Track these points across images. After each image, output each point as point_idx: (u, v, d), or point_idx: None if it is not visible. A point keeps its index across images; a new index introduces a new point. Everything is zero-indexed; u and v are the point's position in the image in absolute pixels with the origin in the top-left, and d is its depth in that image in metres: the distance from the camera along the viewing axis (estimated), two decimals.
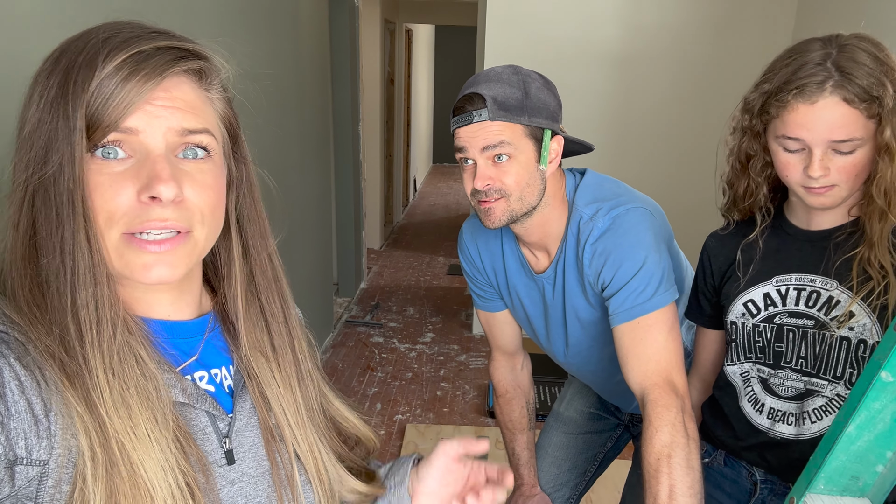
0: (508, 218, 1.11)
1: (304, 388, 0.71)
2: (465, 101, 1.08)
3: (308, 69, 3.15)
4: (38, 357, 0.53)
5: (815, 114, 0.92)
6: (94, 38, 0.55)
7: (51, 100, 0.54)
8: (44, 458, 0.52)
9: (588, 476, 1.55)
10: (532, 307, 1.31)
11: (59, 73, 0.54)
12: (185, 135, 0.57)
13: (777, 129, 0.98)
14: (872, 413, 0.73)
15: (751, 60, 3.32)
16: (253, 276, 0.68)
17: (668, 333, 1.08)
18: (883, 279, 0.96)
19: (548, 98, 1.11)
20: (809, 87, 0.92)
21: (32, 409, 0.51)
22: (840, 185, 0.96)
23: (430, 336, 3.96)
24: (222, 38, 0.65)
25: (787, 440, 1.08)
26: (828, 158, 0.94)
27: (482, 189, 1.09)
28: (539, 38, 3.35)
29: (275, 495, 0.67)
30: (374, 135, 5.45)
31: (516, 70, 1.11)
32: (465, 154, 1.09)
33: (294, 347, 0.71)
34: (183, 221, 0.57)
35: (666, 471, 0.98)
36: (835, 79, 0.91)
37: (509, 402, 1.46)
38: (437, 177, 10.01)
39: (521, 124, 1.07)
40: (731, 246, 1.14)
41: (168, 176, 0.55)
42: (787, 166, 0.99)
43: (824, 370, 1.03)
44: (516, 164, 1.08)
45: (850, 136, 0.92)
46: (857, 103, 0.90)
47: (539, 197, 1.12)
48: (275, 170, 2.65)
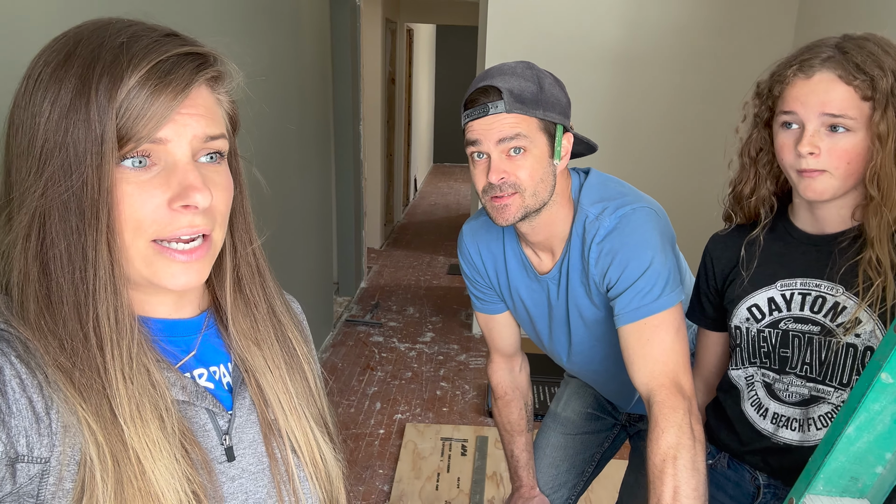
0: (522, 214, 1.10)
1: (294, 375, 0.71)
2: (480, 93, 1.06)
3: (309, 68, 3.15)
4: (40, 360, 0.53)
5: (809, 87, 0.94)
6: (110, 42, 0.54)
7: (67, 109, 0.52)
8: (45, 455, 0.52)
9: (586, 476, 1.55)
10: (535, 309, 1.30)
11: (73, 80, 0.52)
12: (207, 141, 0.58)
13: (778, 109, 1.00)
14: (872, 414, 0.73)
15: (752, 59, 3.32)
16: (238, 269, 0.69)
17: (674, 334, 1.07)
18: (878, 275, 0.95)
19: (560, 95, 1.11)
20: (808, 62, 0.95)
21: (34, 406, 0.51)
22: (831, 172, 0.95)
23: (430, 335, 3.96)
24: (223, 38, 0.65)
25: (791, 446, 1.07)
26: (819, 137, 0.94)
27: (497, 183, 1.07)
28: (540, 37, 3.35)
29: (274, 490, 0.67)
30: (375, 134, 5.45)
31: (530, 65, 1.11)
32: (479, 147, 1.07)
33: (280, 336, 0.71)
34: (208, 225, 0.59)
35: (671, 472, 0.98)
36: (834, 56, 0.93)
37: (508, 403, 1.45)
38: (438, 176, 10.01)
39: (536, 118, 1.06)
40: (733, 247, 1.13)
41: (202, 184, 0.56)
42: (782, 147, 1.00)
43: (830, 377, 1.02)
44: (531, 158, 1.07)
45: (842, 111, 0.92)
46: (851, 79, 0.91)
47: (550, 193, 1.11)
48: (275, 168, 2.65)
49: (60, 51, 0.54)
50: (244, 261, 0.69)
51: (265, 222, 0.73)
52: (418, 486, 2.53)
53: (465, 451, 2.76)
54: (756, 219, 1.12)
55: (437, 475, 2.60)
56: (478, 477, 2.58)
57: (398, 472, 2.60)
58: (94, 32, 0.55)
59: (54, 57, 0.54)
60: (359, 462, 2.67)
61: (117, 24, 0.56)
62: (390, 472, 2.62)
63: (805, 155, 0.95)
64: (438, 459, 2.70)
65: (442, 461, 2.69)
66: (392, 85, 6.06)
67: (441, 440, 2.83)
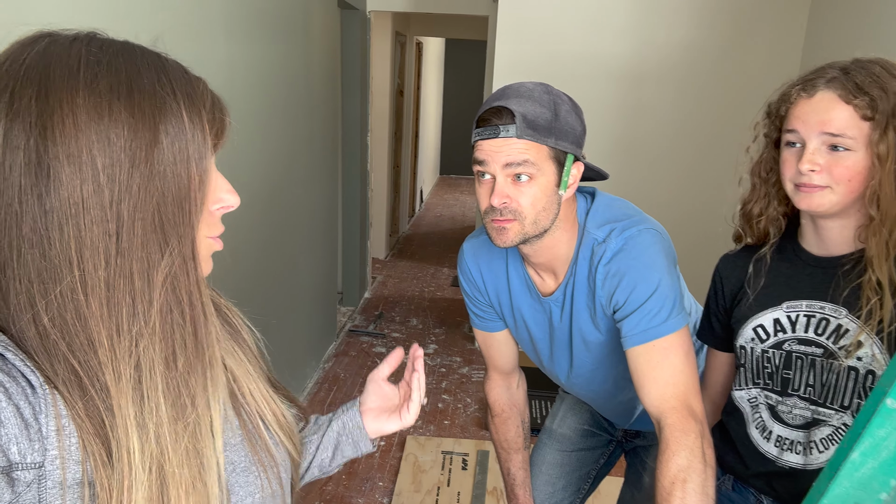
0: (521, 239, 1.08)
1: (240, 340, 0.74)
2: (493, 113, 1.04)
3: (318, 79, 3.17)
4: (21, 366, 0.53)
5: (810, 106, 0.96)
6: (167, 90, 0.55)
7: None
8: (38, 460, 0.52)
9: (582, 493, 1.54)
10: (537, 329, 1.29)
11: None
12: None
13: (784, 128, 1.01)
14: (877, 440, 0.72)
15: (760, 78, 3.33)
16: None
17: (684, 357, 1.06)
18: (875, 294, 0.94)
19: (575, 123, 1.08)
20: (812, 83, 0.97)
21: (21, 413, 0.51)
22: (832, 188, 0.95)
23: (433, 347, 3.95)
24: (231, 52, 0.66)
25: (795, 469, 1.06)
26: (819, 154, 0.95)
27: (498, 206, 1.05)
28: (549, 53, 3.37)
29: (254, 457, 0.68)
30: (383, 145, 5.47)
31: (548, 90, 1.08)
32: (485, 168, 1.06)
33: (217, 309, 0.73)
34: None
35: (680, 495, 0.96)
36: (837, 77, 0.95)
37: (505, 421, 1.44)
38: (444, 188, 10.03)
39: (546, 146, 1.04)
40: (742, 267, 1.13)
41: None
42: (784, 163, 1.01)
43: (832, 399, 1.01)
44: (535, 187, 1.05)
45: (842, 131, 0.93)
46: (851, 98, 0.93)
47: (552, 221, 1.09)
48: (282, 179, 2.66)
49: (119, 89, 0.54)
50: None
51: (270, 229, 0.74)
52: (418, 499, 2.51)
53: (466, 464, 2.74)
54: (766, 239, 1.12)
55: (437, 489, 2.58)
56: (478, 492, 2.56)
57: (398, 485, 2.58)
58: (149, 70, 0.56)
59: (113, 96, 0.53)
60: (359, 474, 2.66)
61: (172, 67, 0.58)
62: (390, 484, 2.61)
63: (806, 172, 0.95)
64: (439, 473, 2.68)
65: (442, 475, 2.67)
66: (400, 97, 6.10)
67: (442, 453, 2.81)
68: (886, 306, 0.93)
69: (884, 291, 0.94)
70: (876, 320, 0.95)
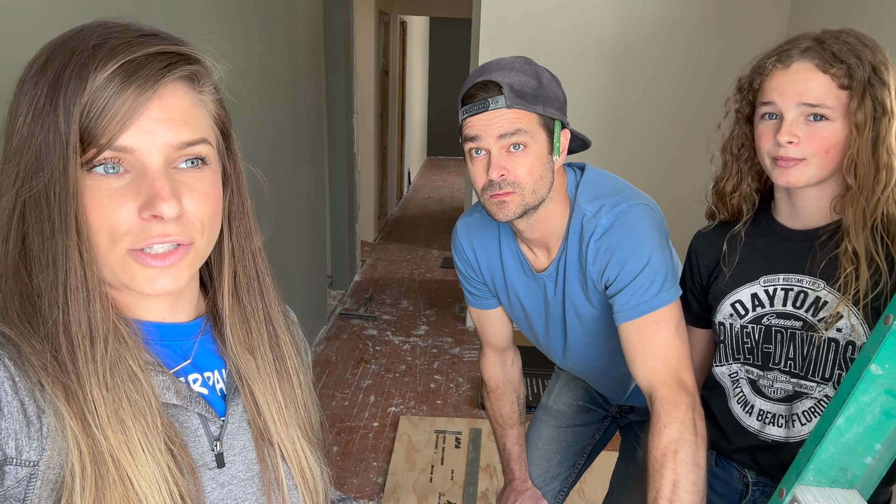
0: (522, 210, 1.08)
1: (284, 385, 0.70)
2: (479, 88, 1.04)
3: (302, 61, 3.14)
4: (33, 363, 0.53)
5: (787, 77, 0.96)
6: (83, 45, 0.53)
7: (40, 110, 0.52)
8: (34, 459, 0.52)
9: (578, 468, 1.56)
10: (532, 306, 1.30)
11: (47, 83, 0.52)
12: (183, 147, 0.57)
13: (758, 101, 1.00)
14: (861, 406, 0.73)
15: (745, 53, 3.29)
16: (236, 274, 0.68)
17: (675, 330, 1.07)
18: (851, 264, 0.94)
19: (557, 90, 1.10)
20: (787, 53, 0.96)
21: (25, 409, 0.51)
22: (809, 160, 0.95)
23: (424, 329, 3.97)
24: (214, 35, 0.64)
25: (778, 443, 1.07)
26: (797, 126, 0.95)
27: (497, 180, 1.05)
28: (534, 30, 3.34)
29: (263, 498, 0.67)
30: (369, 127, 5.43)
31: (528, 60, 1.09)
32: (478, 143, 1.06)
33: (274, 345, 0.70)
34: (185, 235, 0.57)
35: (671, 465, 0.98)
36: (812, 47, 0.95)
37: (500, 397, 1.45)
38: (432, 169, 10.00)
39: (536, 113, 1.05)
40: (717, 244, 1.13)
41: (168, 194, 0.54)
42: (760, 136, 1.00)
43: (812, 372, 1.02)
44: (531, 155, 1.05)
45: (819, 101, 0.93)
46: (828, 68, 0.92)
47: (549, 189, 1.10)
48: (268, 163, 2.64)
49: (43, 54, 0.54)
50: (242, 266, 0.68)
51: (263, 223, 0.73)
52: (412, 478, 2.54)
53: (459, 443, 2.77)
54: (739, 215, 1.12)
55: (431, 467, 2.61)
56: (472, 469, 2.59)
57: (392, 465, 2.60)
58: (74, 35, 0.55)
59: (36, 61, 0.54)
60: (353, 455, 2.68)
61: (98, 26, 0.55)
62: (384, 464, 2.63)
63: (784, 144, 0.95)
64: (432, 452, 2.71)
65: (436, 453, 2.70)
66: (385, 78, 6.04)
67: (435, 433, 2.84)
68: (863, 276, 0.94)
69: (860, 261, 0.94)
70: (853, 290, 0.95)
